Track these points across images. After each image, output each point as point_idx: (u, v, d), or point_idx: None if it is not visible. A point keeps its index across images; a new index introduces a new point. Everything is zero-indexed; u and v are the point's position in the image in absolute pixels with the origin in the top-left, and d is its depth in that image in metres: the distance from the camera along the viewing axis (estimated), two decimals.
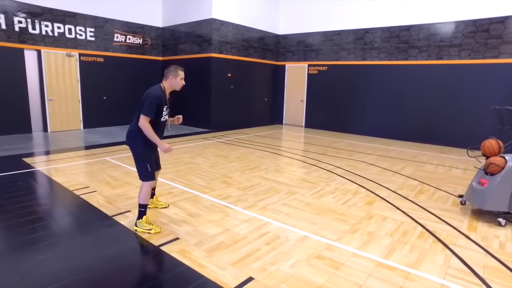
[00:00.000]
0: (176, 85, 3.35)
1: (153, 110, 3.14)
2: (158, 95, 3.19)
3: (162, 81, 3.36)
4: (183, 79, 3.38)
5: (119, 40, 10.49)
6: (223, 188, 4.79)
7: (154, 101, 3.14)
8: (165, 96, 3.31)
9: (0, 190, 4.48)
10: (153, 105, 3.13)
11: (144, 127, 3.14)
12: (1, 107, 8.39)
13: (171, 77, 3.30)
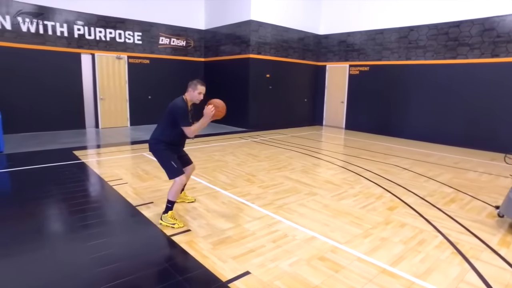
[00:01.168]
0: (194, 98, 3.51)
1: (187, 120, 3.40)
2: (182, 106, 3.40)
3: (185, 93, 3.54)
4: (201, 94, 3.49)
5: (164, 43, 11.10)
6: (245, 186, 4.89)
7: (182, 112, 3.38)
8: (187, 107, 3.49)
9: (50, 178, 5.07)
10: (183, 117, 3.38)
11: (192, 133, 3.43)
12: (61, 105, 9.34)
13: (191, 90, 3.49)
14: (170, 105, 3.48)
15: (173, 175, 3.49)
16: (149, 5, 10.56)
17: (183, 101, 3.48)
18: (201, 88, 3.48)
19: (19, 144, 7.51)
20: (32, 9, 8.42)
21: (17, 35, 8.55)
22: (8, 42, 8.44)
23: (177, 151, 3.66)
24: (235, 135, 9.60)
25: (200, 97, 3.50)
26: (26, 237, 3.20)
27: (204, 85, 3.53)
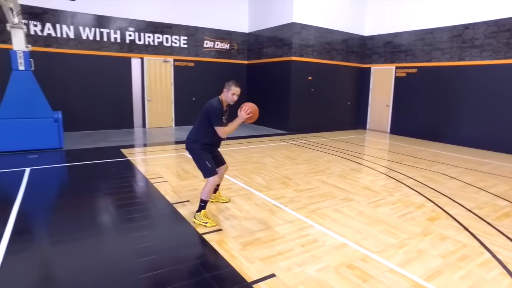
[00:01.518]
0: (228, 99, 3.56)
1: (220, 120, 3.49)
2: (217, 107, 3.49)
3: (221, 94, 3.63)
4: (235, 95, 3.53)
5: (208, 46, 11.45)
6: (280, 189, 4.89)
7: (217, 112, 3.47)
8: (223, 107, 3.57)
9: (99, 173, 5.50)
10: (218, 117, 3.47)
11: (225, 134, 3.53)
12: (113, 106, 10.03)
13: (225, 91, 3.56)
14: (205, 105, 3.59)
15: (207, 175, 3.60)
16: (195, 11, 10.96)
17: (218, 101, 3.57)
18: (235, 89, 3.54)
19: (76, 141, 8.18)
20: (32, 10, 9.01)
21: (78, 42, 9.34)
22: (72, 49, 9.25)
23: (212, 151, 3.76)
24: (275, 138, 9.62)
25: (234, 98, 3.56)
26: (78, 225, 3.51)
27: (239, 87, 3.57)
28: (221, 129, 3.51)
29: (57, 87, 8.93)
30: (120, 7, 9.73)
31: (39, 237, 3.35)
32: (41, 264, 2.86)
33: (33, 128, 6.89)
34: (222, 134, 3.54)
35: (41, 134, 6.99)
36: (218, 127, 3.50)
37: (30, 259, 2.89)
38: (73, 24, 9.21)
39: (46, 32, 8.91)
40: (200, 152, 3.65)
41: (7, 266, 2.68)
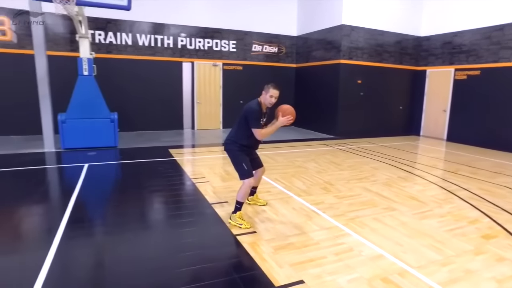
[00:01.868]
0: (266, 101, 3.55)
1: (257, 122, 3.51)
2: (255, 109, 3.51)
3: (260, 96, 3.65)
4: (273, 97, 3.51)
5: (257, 50, 11.61)
6: (320, 194, 4.79)
7: (254, 115, 3.50)
8: (261, 110, 3.59)
9: (146, 172, 5.84)
10: (255, 119, 3.50)
11: (261, 136, 3.55)
12: (164, 108, 10.60)
13: (264, 93, 3.56)
14: (245, 106, 3.63)
15: (243, 176, 3.64)
16: (244, 16, 11.18)
17: (257, 104, 3.59)
18: (273, 92, 3.53)
19: (129, 140, 8.78)
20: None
21: (135, 48, 10.03)
22: (129, 55, 9.96)
23: (249, 153, 3.80)
24: (320, 142, 9.44)
25: (271, 100, 3.55)
26: (125, 218, 3.77)
27: (278, 89, 3.55)
28: (258, 131, 3.54)
29: (115, 89, 9.66)
30: (173, 14, 10.27)
31: (92, 226, 3.64)
32: (92, 250, 3.11)
33: (93, 127, 7.53)
34: (259, 136, 3.57)
35: (99, 134, 7.62)
36: (255, 129, 3.53)
37: (83, 246, 3.16)
38: (131, 32, 9.91)
39: (108, 40, 9.70)
40: (238, 153, 3.70)
41: (62, 250, 2.96)
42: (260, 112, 3.56)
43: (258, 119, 3.54)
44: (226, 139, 3.82)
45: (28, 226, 3.69)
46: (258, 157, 4.05)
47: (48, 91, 7.10)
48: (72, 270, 2.78)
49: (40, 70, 6.95)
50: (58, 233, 3.31)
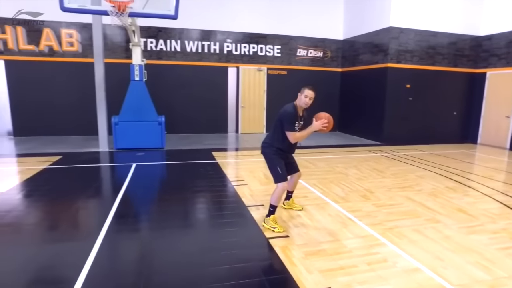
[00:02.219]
0: (302, 102, 3.56)
1: (292, 126, 3.54)
2: (290, 112, 3.54)
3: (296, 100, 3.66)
4: (308, 98, 3.52)
5: (301, 55, 11.57)
6: (358, 202, 4.66)
7: (289, 118, 3.53)
8: (297, 113, 3.61)
9: (189, 173, 6.11)
10: (290, 122, 3.53)
11: (294, 139, 3.56)
12: (210, 112, 10.97)
13: (299, 94, 3.59)
14: (280, 110, 3.67)
15: (277, 180, 3.67)
16: (290, 21, 11.23)
17: (292, 107, 3.61)
18: (308, 92, 3.53)
19: (175, 142, 9.21)
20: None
21: (183, 54, 10.54)
22: (178, 61, 10.49)
23: (285, 157, 3.81)
24: (365, 148, 9.14)
25: (306, 101, 3.54)
26: (170, 216, 3.99)
27: (312, 90, 3.55)
28: (292, 134, 3.54)
29: (164, 94, 10.22)
30: (220, 22, 10.62)
31: (135, 221, 3.90)
32: (133, 242, 3.34)
33: (142, 129, 8.03)
34: (292, 140, 3.57)
35: (148, 135, 8.10)
36: (288, 132, 3.55)
37: (126, 238, 3.41)
38: (180, 39, 10.43)
39: (159, 47, 10.30)
40: (273, 157, 3.74)
41: (107, 240, 3.22)
42: (295, 115, 3.57)
43: (293, 122, 3.55)
44: (262, 142, 3.88)
45: (80, 217, 4.05)
46: (295, 162, 4.05)
47: (104, 95, 7.72)
48: (114, 258, 3.01)
49: (98, 76, 7.59)
50: (105, 225, 3.61)
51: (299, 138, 3.61)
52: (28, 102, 9.56)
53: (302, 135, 3.59)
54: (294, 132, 3.56)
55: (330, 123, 3.56)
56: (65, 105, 9.76)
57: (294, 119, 3.56)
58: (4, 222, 3.76)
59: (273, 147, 3.73)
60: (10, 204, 4.33)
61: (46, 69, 9.54)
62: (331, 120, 3.57)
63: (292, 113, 3.56)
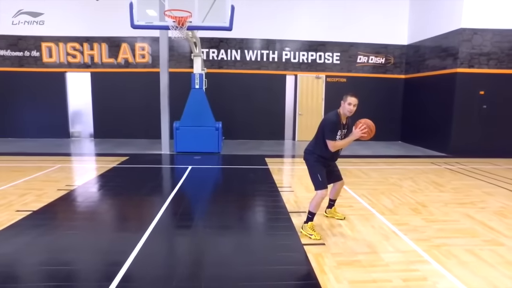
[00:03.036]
0: (344, 110, 3.53)
1: (333, 134, 3.53)
2: (332, 120, 3.53)
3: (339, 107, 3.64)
4: (352, 105, 3.47)
5: (362, 61, 11.23)
6: (406, 215, 4.39)
7: (331, 126, 3.52)
8: (340, 121, 3.57)
9: (239, 177, 6.37)
10: (331, 130, 3.52)
11: (334, 148, 3.53)
12: (267, 119, 11.21)
13: (342, 102, 3.55)
14: (323, 117, 3.68)
15: (317, 187, 3.67)
16: (350, 27, 10.99)
17: (334, 115, 3.59)
18: (351, 99, 3.48)
19: (232, 148, 9.59)
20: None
21: (243, 63, 10.97)
22: (238, 69, 10.96)
23: (326, 165, 3.79)
24: (426, 160, 8.50)
25: (350, 108, 3.49)
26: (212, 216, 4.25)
27: (355, 97, 3.49)
28: (332, 142, 3.52)
29: (225, 101, 10.73)
30: (279, 30, 10.85)
31: (182, 219, 4.21)
32: (178, 239, 3.62)
33: (200, 134, 8.54)
34: (332, 148, 3.54)
35: (205, 140, 8.58)
36: (328, 140, 3.53)
37: (171, 234, 3.71)
38: (241, 48, 10.88)
39: (220, 57, 10.88)
40: (314, 164, 3.75)
41: (154, 234, 3.55)
42: (337, 123, 3.54)
43: (334, 131, 3.53)
44: (305, 149, 3.91)
45: (136, 211, 4.50)
46: (338, 170, 4.00)
47: (167, 102, 8.41)
48: (157, 250, 3.30)
49: (162, 85, 8.31)
50: (155, 220, 3.97)
51: (339, 147, 3.57)
52: (106, 108, 10.83)
53: (342, 143, 3.55)
54: (334, 140, 3.53)
55: (370, 129, 3.45)
56: (135, 110, 10.81)
57: (335, 127, 3.54)
58: (77, 210, 4.38)
59: (315, 154, 3.75)
60: (83, 196, 5.01)
61: (121, 79, 10.72)
62: (371, 126, 3.46)
63: (334, 121, 3.54)
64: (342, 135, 3.63)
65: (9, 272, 2.86)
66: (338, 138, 3.60)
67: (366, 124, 3.43)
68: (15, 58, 10.64)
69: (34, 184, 5.53)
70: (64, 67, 10.72)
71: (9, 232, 3.68)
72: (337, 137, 3.59)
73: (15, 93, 10.71)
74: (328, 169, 3.85)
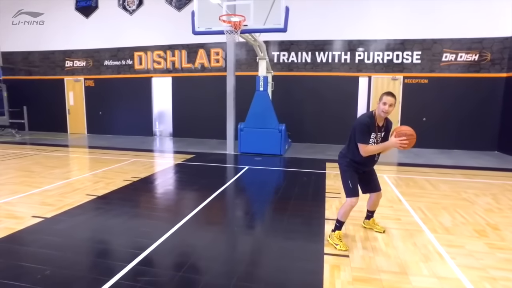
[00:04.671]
0: (379, 110, 3.22)
1: (364, 137, 3.24)
2: (363, 122, 3.25)
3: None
4: (387, 105, 3.14)
5: (448, 60, 9.93)
6: (465, 237, 3.74)
7: (360, 128, 3.24)
8: (375, 122, 3.28)
9: (291, 180, 6.29)
10: (361, 132, 3.24)
11: (365, 153, 3.24)
12: (338, 122, 10.76)
13: (378, 102, 3.26)
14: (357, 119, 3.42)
15: (347, 194, 3.43)
16: (433, 22, 9.83)
17: (368, 116, 3.30)
18: (387, 98, 3.15)
19: (298, 151, 9.48)
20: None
21: (313, 65, 10.76)
22: (307, 72, 10.80)
23: (359, 170, 3.50)
24: None
25: (385, 108, 3.15)
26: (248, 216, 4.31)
27: (391, 95, 3.16)
28: (363, 146, 3.23)
29: (294, 103, 10.70)
30: (351, 30, 10.33)
31: (216, 215, 4.36)
32: (205, 233, 3.77)
33: (263, 136, 8.66)
34: (363, 153, 3.25)
35: (268, 142, 8.67)
36: (359, 144, 3.25)
37: (200, 227, 3.88)
38: (311, 50, 10.69)
39: (290, 59, 10.86)
40: (345, 169, 3.51)
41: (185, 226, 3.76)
42: (369, 125, 3.24)
43: (366, 133, 3.24)
44: (339, 152, 3.68)
45: (178, 203, 4.82)
46: (375, 179, 3.64)
47: (233, 104, 8.75)
48: (182, 240, 3.48)
49: (229, 87, 8.69)
50: (192, 213, 4.20)
51: (371, 152, 3.26)
52: (183, 109, 11.84)
53: (374, 148, 3.23)
54: (366, 144, 3.24)
55: (410, 141, 3.07)
56: (209, 112, 11.51)
57: (367, 129, 3.24)
58: (129, 198, 4.93)
59: (347, 158, 3.49)
60: (139, 187, 5.59)
61: (197, 83, 11.56)
62: (412, 137, 3.08)
63: (366, 123, 3.24)
64: (377, 138, 3.30)
65: (59, 241, 3.37)
66: (372, 142, 3.28)
67: (406, 135, 3.06)
68: (115, 67, 12.41)
69: (109, 174, 6.36)
70: (150, 73, 12.06)
71: (75, 211, 4.35)
72: (371, 141, 3.28)
73: (113, 97, 12.49)
74: (364, 176, 3.56)
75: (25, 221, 3.98)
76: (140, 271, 2.85)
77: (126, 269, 2.85)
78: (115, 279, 2.70)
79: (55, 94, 13.19)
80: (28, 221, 3.98)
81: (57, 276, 2.77)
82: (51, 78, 13.24)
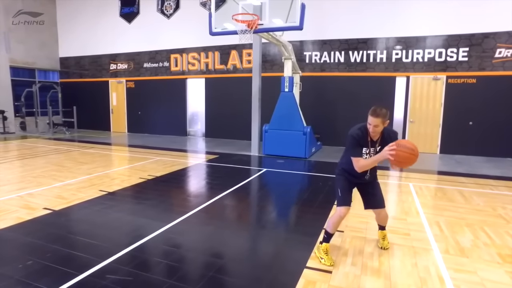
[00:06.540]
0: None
1: (355, 150, 2.99)
2: (354, 134, 2.99)
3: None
4: (371, 125, 2.88)
5: (502, 56, 8.82)
6: (482, 261, 3.21)
7: (350, 141, 3.01)
8: (367, 136, 2.98)
9: (303, 185, 6.07)
10: (351, 145, 3.00)
11: (359, 168, 2.97)
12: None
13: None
14: None
15: (337, 203, 3.20)
16: (484, 14, 8.77)
17: (359, 129, 3.02)
18: (370, 119, 2.88)
19: (326, 154, 9.09)
20: (32, 10, 9.95)
21: (347, 65, 10.24)
22: (341, 72, 10.32)
23: (352, 181, 3.23)
24: None
25: (370, 129, 2.89)
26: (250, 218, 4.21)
27: (375, 116, 2.84)
28: (356, 160, 2.96)
29: (326, 105, 10.28)
30: (388, 27, 9.64)
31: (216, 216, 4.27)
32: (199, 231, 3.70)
33: (288, 138, 8.42)
34: (357, 167, 2.96)
35: (292, 144, 8.40)
36: (352, 157, 2.99)
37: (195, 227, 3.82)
38: (344, 49, 10.19)
39: (323, 59, 10.45)
40: (338, 177, 3.31)
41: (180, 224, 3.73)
42: (358, 138, 2.96)
43: (357, 146, 2.98)
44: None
45: (181, 202, 4.81)
46: (377, 194, 3.28)
47: (258, 105, 8.63)
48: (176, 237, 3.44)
49: (254, 88, 8.58)
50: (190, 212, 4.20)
51: (365, 167, 2.96)
52: (215, 109, 11.98)
53: (367, 163, 2.92)
54: (358, 157, 2.95)
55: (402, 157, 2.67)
56: (239, 112, 11.48)
57: (357, 143, 2.97)
58: (136, 195, 5.04)
59: (340, 167, 3.30)
60: (151, 186, 5.69)
61: (229, 84, 11.61)
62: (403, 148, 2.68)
63: (355, 136, 2.97)
64: (370, 154, 3.00)
65: (53, 233, 3.51)
66: (365, 156, 2.97)
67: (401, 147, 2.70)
68: (153, 69, 12.96)
69: (128, 172, 6.60)
70: (185, 74, 12.39)
71: (81, 205, 4.57)
72: (364, 155, 2.97)
73: (151, 97, 13.06)
74: (363, 189, 3.31)
75: (36, 212, 4.24)
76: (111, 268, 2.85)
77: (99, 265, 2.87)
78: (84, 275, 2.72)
79: (101, 95, 14.16)
80: (38, 212, 4.23)
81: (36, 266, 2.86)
82: (97, 80, 14.25)
